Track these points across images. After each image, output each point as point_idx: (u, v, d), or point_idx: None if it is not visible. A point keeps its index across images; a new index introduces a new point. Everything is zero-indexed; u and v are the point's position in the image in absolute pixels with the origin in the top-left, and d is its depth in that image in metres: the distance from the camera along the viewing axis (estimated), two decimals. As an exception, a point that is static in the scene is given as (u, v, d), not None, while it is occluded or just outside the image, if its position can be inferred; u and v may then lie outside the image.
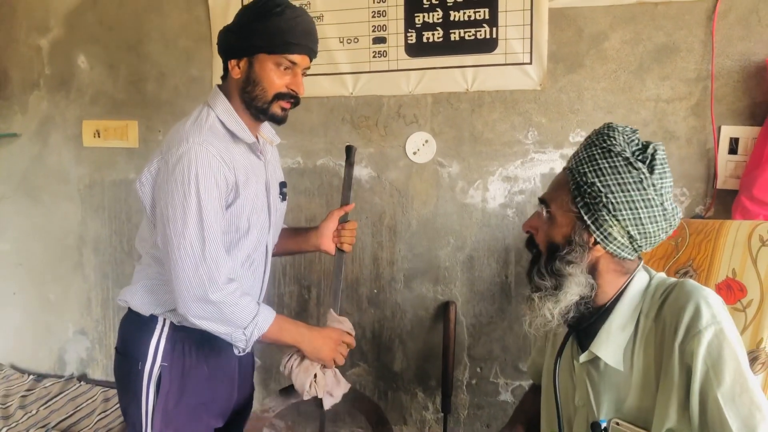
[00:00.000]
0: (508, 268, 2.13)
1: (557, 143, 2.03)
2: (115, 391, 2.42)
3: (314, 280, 2.31)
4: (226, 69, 1.48)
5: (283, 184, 1.64)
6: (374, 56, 2.16)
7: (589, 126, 1.99)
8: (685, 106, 1.91)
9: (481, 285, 2.15)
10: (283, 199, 1.64)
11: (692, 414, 0.97)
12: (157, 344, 1.44)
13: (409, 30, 2.11)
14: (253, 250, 1.49)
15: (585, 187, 1.06)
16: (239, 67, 1.43)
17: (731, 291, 1.54)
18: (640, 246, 1.07)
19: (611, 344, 1.09)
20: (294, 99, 1.47)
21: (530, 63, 2.02)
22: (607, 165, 1.04)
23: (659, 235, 1.07)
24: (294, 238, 1.75)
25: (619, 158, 1.04)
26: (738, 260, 1.54)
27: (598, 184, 1.04)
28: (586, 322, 1.13)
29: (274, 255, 1.69)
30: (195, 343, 1.47)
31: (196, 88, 2.36)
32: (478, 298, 2.16)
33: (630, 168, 1.03)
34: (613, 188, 1.03)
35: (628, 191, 1.03)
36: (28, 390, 2.45)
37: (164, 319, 1.45)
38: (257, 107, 1.44)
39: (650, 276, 1.14)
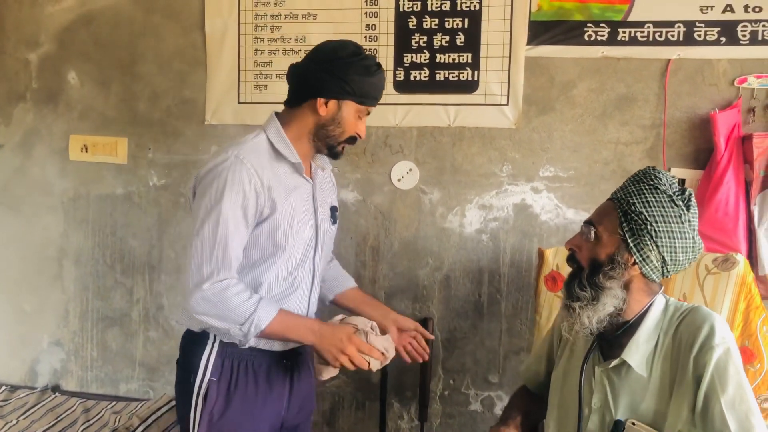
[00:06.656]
0: (481, 287, 2.33)
1: (528, 177, 2.26)
2: (94, 401, 2.48)
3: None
4: (297, 100, 1.55)
5: (334, 209, 1.73)
6: (364, 89, 2.33)
7: (557, 162, 2.23)
8: (641, 149, 2.18)
9: (456, 303, 2.35)
10: (334, 222, 1.73)
11: (696, 414, 1.20)
12: (208, 359, 1.51)
13: (398, 68, 2.31)
14: (295, 268, 1.57)
15: (632, 215, 1.25)
16: (326, 107, 1.51)
17: (680, 312, 1.80)
18: (668, 271, 1.29)
19: (639, 353, 1.29)
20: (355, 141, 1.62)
21: (507, 104, 2.25)
22: (653, 199, 1.25)
23: (684, 263, 1.28)
24: (369, 303, 1.84)
25: (664, 195, 1.25)
26: (688, 286, 1.80)
27: (645, 214, 1.24)
28: (612, 333, 1.33)
29: (338, 305, 1.83)
30: (244, 360, 1.54)
31: (189, 109, 2.46)
32: (453, 314, 2.35)
33: (672, 204, 1.24)
34: (657, 218, 1.24)
35: (669, 223, 1.24)
36: (3, 401, 2.45)
37: (214, 336, 1.52)
38: (328, 144, 1.57)
39: (666, 299, 1.36)
